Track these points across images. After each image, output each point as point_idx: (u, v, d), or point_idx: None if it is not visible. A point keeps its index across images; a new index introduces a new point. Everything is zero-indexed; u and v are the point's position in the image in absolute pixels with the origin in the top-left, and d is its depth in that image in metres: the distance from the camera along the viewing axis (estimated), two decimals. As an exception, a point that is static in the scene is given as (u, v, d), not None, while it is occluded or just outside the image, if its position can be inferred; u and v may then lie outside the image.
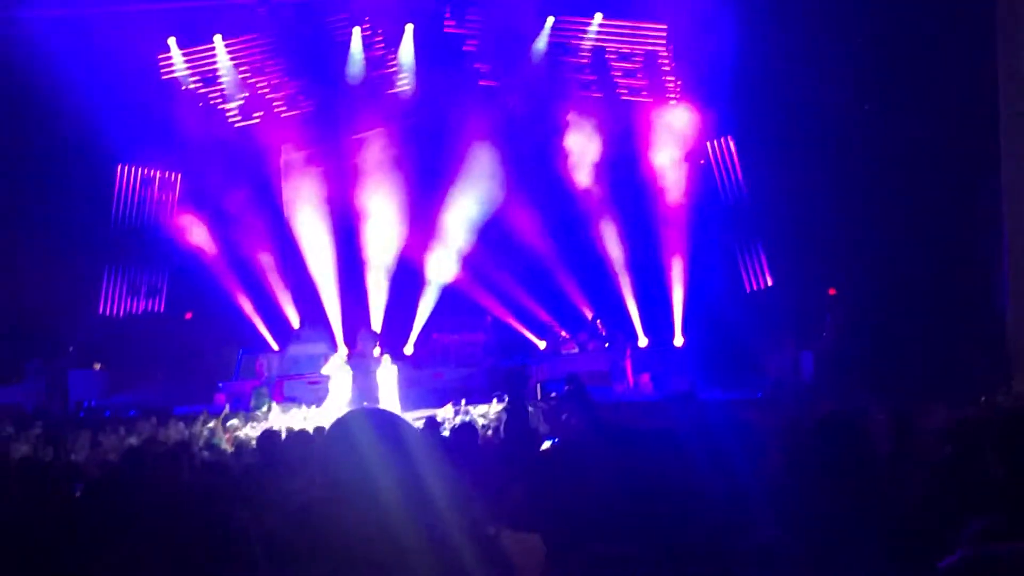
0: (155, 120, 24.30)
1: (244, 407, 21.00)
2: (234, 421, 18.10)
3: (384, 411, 3.86)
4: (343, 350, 22.00)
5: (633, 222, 25.43)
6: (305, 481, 6.45)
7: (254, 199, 26.17)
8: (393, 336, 24.81)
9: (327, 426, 3.87)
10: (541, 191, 25.71)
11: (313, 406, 20.06)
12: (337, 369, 19.57)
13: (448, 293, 26.32)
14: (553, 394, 19.31)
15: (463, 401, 19.44)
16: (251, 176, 26.04)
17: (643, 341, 25.36)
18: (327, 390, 19.61)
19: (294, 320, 26.87)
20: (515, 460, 7.90)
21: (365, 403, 18.12)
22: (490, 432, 14.02)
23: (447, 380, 23.60)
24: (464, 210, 25.72)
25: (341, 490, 3.51)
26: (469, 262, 26.09)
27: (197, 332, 26.21)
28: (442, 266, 26.35)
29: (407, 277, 26.40)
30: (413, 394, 21.04)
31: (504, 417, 11.61)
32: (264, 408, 20.59)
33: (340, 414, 3.99)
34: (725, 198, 25.15)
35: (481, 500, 4.70)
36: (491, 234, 25.85)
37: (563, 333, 25.70)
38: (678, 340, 25.24)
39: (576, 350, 24.84)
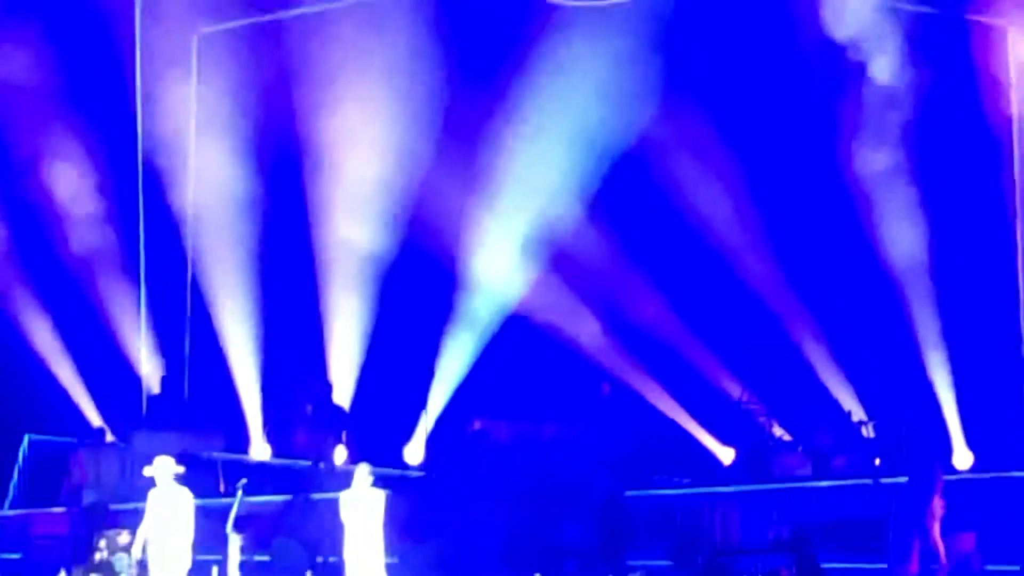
0: None
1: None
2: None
3: None
4: (260, 448, 19.67)
5: (962, 220, 20.62)
6: None
7: (82, 126, 20.75)
8: (378, 423, 20.60)
9: None
10: (739, 123, 20.44)
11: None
12: (166, 488, 15.04)
13: (513, 328, 21.23)
14: (763, 583, 18.02)
15: None
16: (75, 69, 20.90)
17: (963, 461, 20.43)
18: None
19: (152, 379, 21.88)
20: None
21: None
22: None
23: (503, 528, 18.53)
24: (552, 155, 20.20)
25: None
26: (565, 261, 21.08)
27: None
28: (499, 270, 21.02)
29: (417, 294, 21.03)
30: (420, 556, 16.82)
31: None
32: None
33: None
34: None
35: None
36: (618, 207, 20.85)
37: (776, 430, 20.32)
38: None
39: (807, 471, 19.51)
